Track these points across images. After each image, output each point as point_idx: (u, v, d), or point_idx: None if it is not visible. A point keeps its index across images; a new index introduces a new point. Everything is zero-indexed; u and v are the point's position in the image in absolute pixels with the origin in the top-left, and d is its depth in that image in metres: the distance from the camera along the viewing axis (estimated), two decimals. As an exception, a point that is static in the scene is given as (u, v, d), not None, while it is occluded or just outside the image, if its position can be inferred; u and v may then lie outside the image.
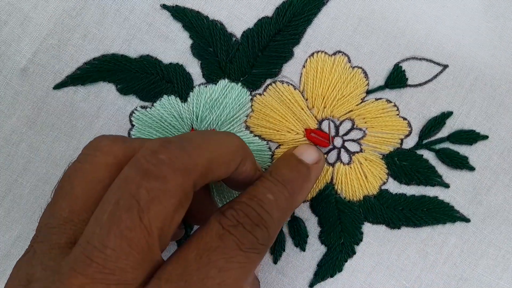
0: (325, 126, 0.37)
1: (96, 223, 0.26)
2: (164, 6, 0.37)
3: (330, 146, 0.37)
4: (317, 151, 0.35)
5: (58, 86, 0.37)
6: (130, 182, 0.26)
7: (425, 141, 0.37)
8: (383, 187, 0.37)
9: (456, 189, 0.37)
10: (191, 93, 0.37)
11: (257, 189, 0.30)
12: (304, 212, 0.38)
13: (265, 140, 0.37)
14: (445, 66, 0.37)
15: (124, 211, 0.25)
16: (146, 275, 0.26)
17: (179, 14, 0.37)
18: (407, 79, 0.37)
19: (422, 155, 0.37)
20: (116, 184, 0.26)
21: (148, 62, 0.37)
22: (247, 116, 0.37)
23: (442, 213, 0.37)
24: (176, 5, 0.37)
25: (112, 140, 0.29)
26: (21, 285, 0.26)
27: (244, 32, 0.37)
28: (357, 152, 0.37)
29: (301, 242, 0.38)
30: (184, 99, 0.37)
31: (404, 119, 0.37)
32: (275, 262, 0.38)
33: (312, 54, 0.37)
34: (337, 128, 0.37)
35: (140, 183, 0.26)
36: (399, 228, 0.37)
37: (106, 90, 0.37)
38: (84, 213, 0.27)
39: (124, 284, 0.25)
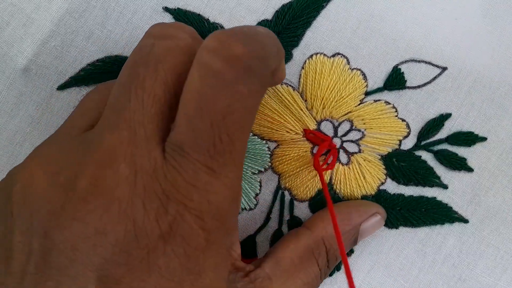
0: (324, 127, 0.38)
1: (117, 86, 0.27)
2: (166, 9, 0.37)
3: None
4: None
5: (61, 87, 0.37)
6: (145, 46, 0.27)
7: (423, 143, 0.37)
8: (381, 188, 0.38)
9: (454, 190, 0.38)
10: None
11: None
12: (303, 212, 0.38)
13: (264, 140, 0.38)
14: (444, 69, 0.37)
15: (141, 66, 0.26)
16: (165, 130, 0.26)
17: (181, 16, 0.37)
18: (405, 81, 0.37)
19: (421, 156, 0.37)
20: (132, 53, 0.27)
21: (150, 64, 0.37)
22: (247, 117, 0.38)
23: (440, 214, 0.37)
24: (178, 8, 0.37)
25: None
26: (48, 163, 0.27)
27: (244, 34, 0.37)
28: (356, 153, 0.38)
29: (300, 242, 0.38)
30: (185, 100, 0.37)
31: (403, 120, 0.37)
32: (275, 261, 0.38)
33: (311, 56, 0.37)
34: (335, 129, 0.38)
35: (154, 43, 0.26)
36: (397, 228, 0.38)
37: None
38: None
39: (149, 138, 0.25)
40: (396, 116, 0.37)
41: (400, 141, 0.38)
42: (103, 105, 0.28)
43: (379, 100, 0.37)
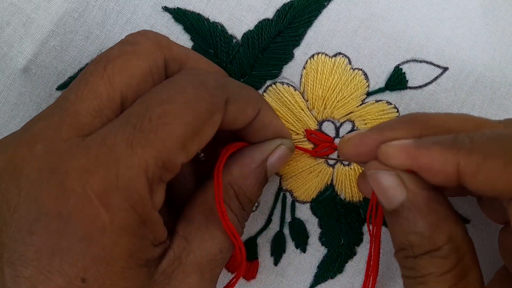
0: (325, 127, 0.37)
1: (71, 82, 0.28)
2: (166, 9, 0.37)
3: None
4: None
5: (61, 87, 0.37)
6: (107, 49, 0.29)
7: (425, 143, 0.37)
8: (383, 188, 0.37)
9: (456, 190, 0.37)
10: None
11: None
12: (305, 214, 0.38)
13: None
14: (445, 69, 0.37)
15: (93, 64, 0.27)
16: (102, 126, 0.26)
17: (180, 16, 0.37)
18: (407, 81, 0.37)
19: (422, 157, 0.37)
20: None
21: (149, 64, 0.37)
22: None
23: (442, 215, 0.37)
24: (177, 7, 0.37)
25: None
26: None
27: (244, 34, 0.37)
28: (357, 154, 0.38)
29: (301, 243, 0.38)
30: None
31: (404, 121, 0.37)
32: (275, 263, 0.38)
33: (313, 56, 0.37)
34: (337, 129, 0.37)
35: (114, 46, 0.28)
36: (399, 229, 0.37)
37: (108, 92, 0.38)
38: None
39: (77, 127, 0.26)
40: (398, 116, 0.37)
41: (402, 141, 0.37)
42: None
43: (380, 100, 0.37)
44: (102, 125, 0.26)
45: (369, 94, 0.37)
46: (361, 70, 0.37)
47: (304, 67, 0.37)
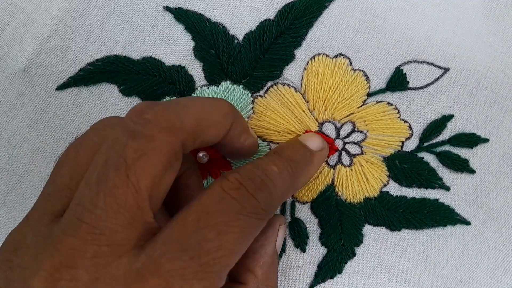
0: (326, 128, 0.37)
1: (86, 185, 0.26)
2: (167, 8, 0.37)
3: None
4: (321, 139, 0.36)
5: (61, 87, 0.37)
6: (118, 143, 0.26)
7: (426, 144, 0.37)
8: (383, 189, 0.38)
9: (456, 192, 0.37)
10: (193, 95, 0.37)
11: (261, 160, 0.31)
12: (305, 214, 0.38)
13: (266, 141, 0.37)
14: (446, 70, 0.37)
15: (111, 170, 0.25)
16: (139, 237, 0.25)
17: (182, 16, 0.37)
18: (408, 82, 0.37)
19: (423, 158, 0.37)
20: (104, 146, 0.27)
21: (150, 64, 0.37)
22: (248, 118, 0.37)
23: (442, 216, 0.37)
24: (178, 7, 0.37)
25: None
26: (9, 252, 0.25)
27: (246, 34, 0.37)
28: (358, 154, 0.38)
29: (301, 243, 0.38)
30: (186, 100, 0.37)
31: (405, 121, 0.37)
32: (275, 263, 0.38)
33: (314, 57, 0.37)
34: (338, 130, 0.37)
35: (127, 143, 0.26)
36: (399, 230, 0.37)
37: (108, 91, 0.37)
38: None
39: (116, 244, 0.25)
40: (399, 117, 0.37)
41: (403, 142, 0.37)
42: (74, 183, 0.27)
43: (381, 101, 0.37)
44: (137, 234, 0.25)
45: (370, 95, 0.37)
46: (362, 71, 0.37)
47: (305, 68, 0.37)
